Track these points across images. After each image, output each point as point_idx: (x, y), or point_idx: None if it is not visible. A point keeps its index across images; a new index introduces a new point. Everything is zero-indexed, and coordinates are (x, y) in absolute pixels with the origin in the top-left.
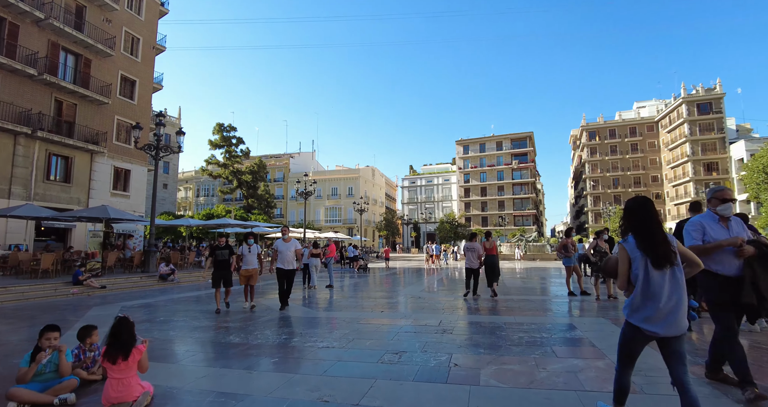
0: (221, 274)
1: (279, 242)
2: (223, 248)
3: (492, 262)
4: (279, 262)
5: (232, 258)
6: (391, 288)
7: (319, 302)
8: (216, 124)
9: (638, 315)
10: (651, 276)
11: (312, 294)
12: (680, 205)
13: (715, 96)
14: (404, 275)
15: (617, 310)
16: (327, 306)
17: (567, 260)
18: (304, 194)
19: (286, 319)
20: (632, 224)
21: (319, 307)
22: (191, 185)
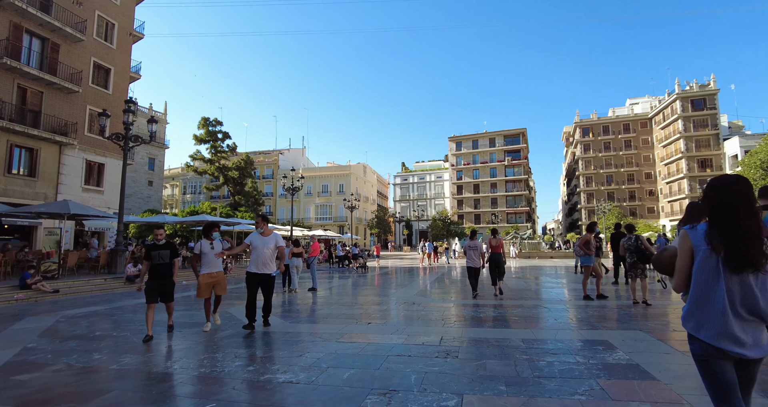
0: (158, 285)
1: (254, 236)
2: (162, 246)
3: (497, 260)
4: (252, 263)
5: (175, 262)
6: (382, 291)
7: (296, 309)
8: (201, 118)
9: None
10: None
11: (292, 299)
12: (674, 202)
13: (709, 92)
14: (396, 275)
15: (651, 318)
16: (304, 315)
17: (586, 259)
18: (291, 189)
19: (247, 336)
20: (713, 206)
21: (294, 317)
22: (178, 182)
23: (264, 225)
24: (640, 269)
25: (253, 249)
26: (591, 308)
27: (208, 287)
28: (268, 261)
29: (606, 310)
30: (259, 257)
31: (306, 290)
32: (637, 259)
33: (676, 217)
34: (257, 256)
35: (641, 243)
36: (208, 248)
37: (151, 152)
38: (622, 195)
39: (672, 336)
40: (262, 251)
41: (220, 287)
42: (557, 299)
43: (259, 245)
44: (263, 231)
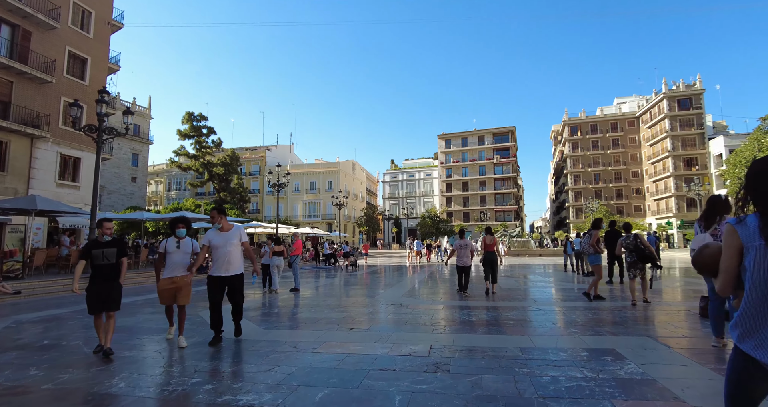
0: (100, 290)
1: (212, 233)
2: (107, 243)
3: (492, 259)
4: (214, 265)
5: (123, 262)
6: (369, 292)
7: (274, 313)
8: (185, 113)
9: (753, 340)
10: None
11: (271, 301)
12: (660, 200)
13: (696, 92)
14: (385, 274)
15: (653, 321)
16: (282, 319)
17: (596, 258)
18: (277, 186)
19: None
20: (761, 195)
21: (270, 322)
22: (162, 179)
23: (221, 219)
24: (639, 268)
25: (213, 249)
26: (590, 310)
27: (169, 294)
28: (233, 260)
29: (606, 312)
30: (223, 257)
31: (288, 291)
32: (636, 258)
33: (663, 215)
34: (219, 256)
35: (640, 242)
36: (173, 248)
37: (135, 147)
38: (609, 193)
39: (682, 343)
40: (225, 250)
41: (183, 295)
42: (552, 301)
43: (219, 244)
44: (222, 226)
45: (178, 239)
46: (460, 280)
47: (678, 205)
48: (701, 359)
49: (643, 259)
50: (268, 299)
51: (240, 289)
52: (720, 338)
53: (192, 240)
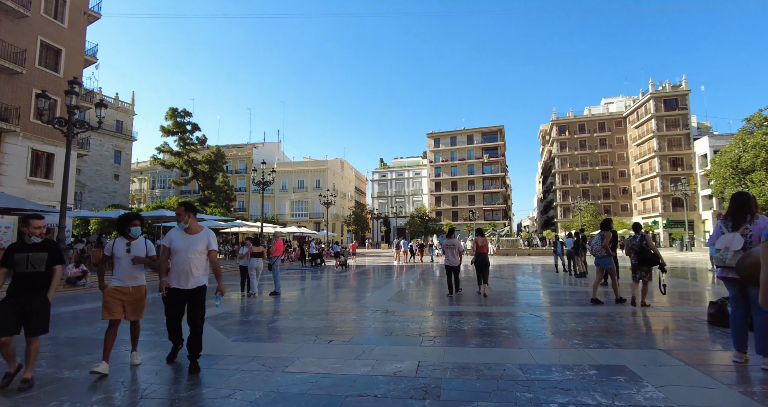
0: (19, 305)
1: (174, 233)
2: (36, 247)
3: (483, 260)
4: (171, 274)
5: (56, 270)
6: (354, 295)
7: (247, 320)
8: (169, 108)
9: None
10: None
11: (248, 306)
12: (646, 200)
13: (681, 93)
14: (372, 274)
15: (661, 330)
16: (255, 328)
17: (607, 261)
18: (262, 183)
19: (170, 360)
20: None
21: (241, 331)
22: (146, 177)
23: (188, 217)
24: (644, 271)
25: (173, 254)
26: (589, 316)
27: (115, 307)
28: (194, 270)
29: (606, 319)
30: (182, 265)
31: (267, 295)
32: (638, 261)
33: (649, 215)
34: (178, 263)
35: (646, 243)
36: (122, 251)
37: (118, 144)
38: (596, 193)
39: (699, 358)
40: (185, 256)
41: (134, 310)
42: (547, 305)
43: (181, 247)
44: (189, 226)
45: (129, 241)
46: (449, 281)
47: (664, 204)
48: (725, 378)
49: (646, 261)
50: (245, 304)
51: (200, 306)
52: (742, 352)
53: (146, 241)
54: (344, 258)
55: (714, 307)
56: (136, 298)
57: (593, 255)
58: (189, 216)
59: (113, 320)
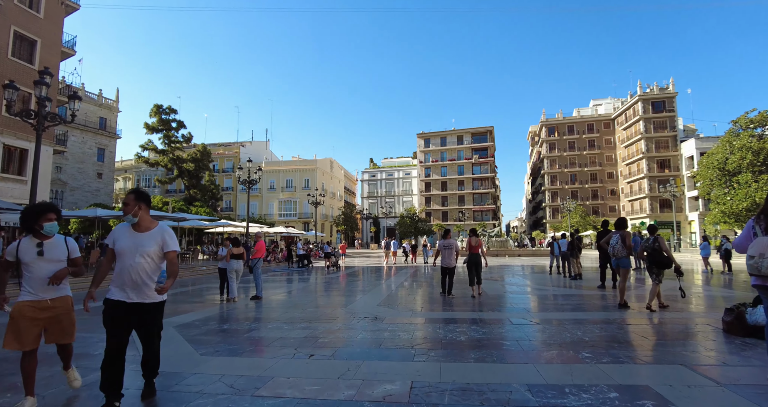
0: None
1: (120, 229)
2: None
3: (476, 261)
4: (113, 282)
5: None
6: (340, 299)
7: (222, 329)
8: (154, 105)
9: None
10: None
11: (226, 312)
12: (634, 201)
13: (668, 95)
14: (361, 276)
15: (678, 339)
16: (228, 339)
17: (628, 262)
18: (248, 182)
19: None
20: None
21: (212, 343)
22: (131, 175)
23: (138, 209)
24: (655, 273)
25: (118, 257)
26: (596, 324)
27: (29, 331)
28: (145, 279)
29: (615, 327)
30: (127, 271)
31: (248, 299)
32: (650, 262)
33: (637, 216)
34: (123, 269)
35: (659, 245)
36: (31, 254)
37: (101, 141)
38: (585, 194)
39: (728, 377)
40: (131, 260)
41: (60, 330)
42: (547, 310)
43: (126, 249)
44: (139, 221)
45: (41, 240)
46: (444, 282)
47: (651, 206)
48: (765, 402)
49: (658, 264)
50: (224, 309)
51: (153, 325)
52: None
53: (67, 240)
54: (335, 259)
55: (730, 314)
56: (59, 313)
57: (613, 256)
58: (139, 207)
59: (25, 353)
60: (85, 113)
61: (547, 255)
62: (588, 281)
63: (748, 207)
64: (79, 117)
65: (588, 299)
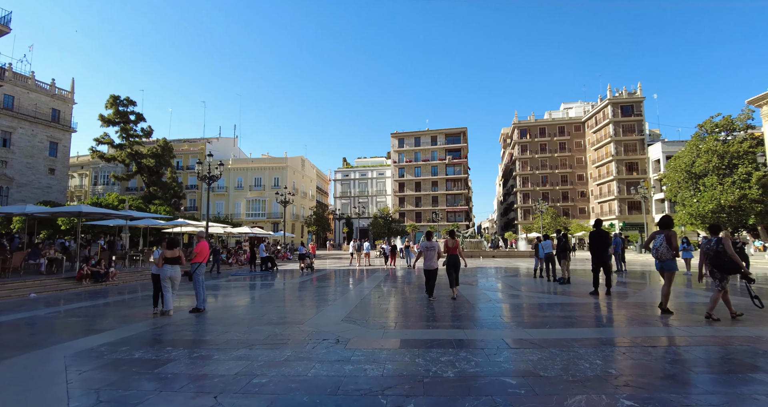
0: None
1: None
2: None
3: (455, 262)
4: None
5: None
6: (300, 312)
7: (133, 358)
8: (110, 96)
9: None
10: None
11: (154, 330)
12: (603, 203)
13: (636, 99)
14: (330, 280)
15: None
16: (130, 376)
17: (673, 265)
18: (208, 178)
19: None
20: None
21: (101, 383)
22: (88, 172)
23: None
24: (719, 278)
25: None
26: (621, 350)
27: None
28: None
29: (645, 350)
30: None
31: (187, 313)
32: (713, 267)
33: (606, 217)
34: None
35: (723, 248)
36: None
37: (54, 135)
38: (556, 196)
39: None
40: None
41: None
42: (549, 327)
43: None
44: None
45: None
46: (429, 286)
47: (620, 208)
48: None
49: (722, 269)
50: (153, 326)
51: None
52: None
53: None
54: (310, 260)
55: None
56: None
57: (658, 259)
58: None
59: None
60: (36, 103)
61: (522, 257)
62: (576, 285)
63: (714, 209)
64: (29, 107)
65: (589, 309)
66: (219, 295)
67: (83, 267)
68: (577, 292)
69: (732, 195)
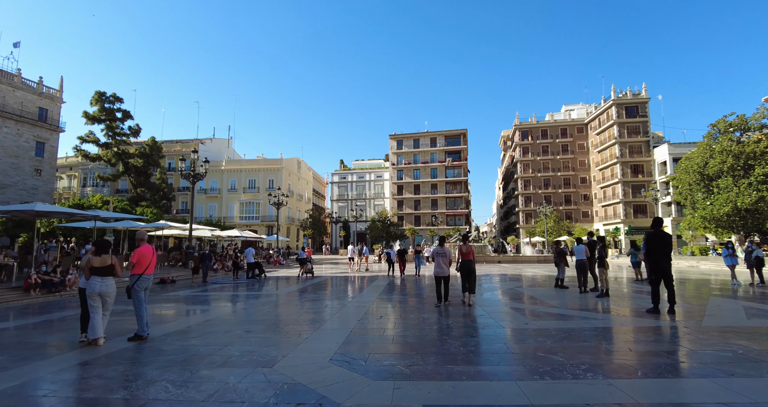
0: None
1: None
2: None
3: (469, 267)
4: None
5: None
6: (273, 341)
7: None
8: (95, 92)
9: None
10: None
11: (63, 374)
12: (608, 206)
13: (641, 100)
14: (325, 291)
15: None
16: None
17: None
18: (192, 176)
19: None
20: None
21: None
22: (77, 173)
23: None
24: None
25: None
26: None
27: None
28: None
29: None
30: None
31: (125, 340)
32: None
33: (610, 221)
34: None
35: None
36: None
37: (40, 134)
38: (558, 199)
39: None
40: None
41: None
42: (633, 373)
43: None
44: None
45: None
46: (439, 290)
47: (626, 211)
48: None
49: None
50: (55, 367)
51: None
52: None
53: None
54: (310, 265)
55: None
56: None
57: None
58: None
59: None
60: (22, 101)
61: (529, 262)
62: (618, 300)
63: (729, 212)
64: (15, 106)
65: (669, 338)
66: (183, 312)
67: (31, 275)
68: (628, 310)
69: (749, 197)
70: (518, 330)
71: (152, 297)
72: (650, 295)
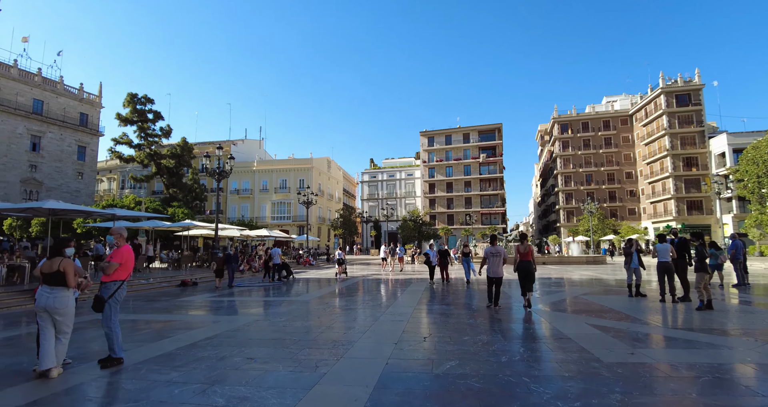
0: None
1: None
2: None
3: (527, 268)
4: None
5: None
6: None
7: None
8: (127, 94)
9: None
10: None
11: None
12: (657, 203)
13: (694, 87)
14: (355, 297)
15: None
16: None
17: None
18: (218, 173)
19: None
20: None
21: None
22: (116, 175)
23: None
24: None
25: None
26: None
27: None
28: None
29: None
30: None
31: (95, 365)
32: None
33: (661, 219)
34: None
35: None
36: None
37: (82, 139)
38: (602, 195)
39: None
40: None
41: None
42: None
43: None
44: None
45: None
46: (490, 292)
47: (678, 207)
48: None
49: None
50: (12, 403)
51: None
52: None
53: None
54: (344, 266)
55: None
56: None
57: None
58: None
59: None
60: (64, 107)
61: (578, 263)
62: (726, 314)
63: None
64: (58, 112)
65: None
66: (184, 325)
67: None
68: (738, 328)
69: None
70: (627, 365)
71: (158, 304)
72: None
